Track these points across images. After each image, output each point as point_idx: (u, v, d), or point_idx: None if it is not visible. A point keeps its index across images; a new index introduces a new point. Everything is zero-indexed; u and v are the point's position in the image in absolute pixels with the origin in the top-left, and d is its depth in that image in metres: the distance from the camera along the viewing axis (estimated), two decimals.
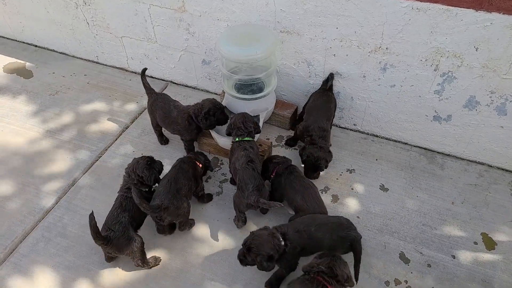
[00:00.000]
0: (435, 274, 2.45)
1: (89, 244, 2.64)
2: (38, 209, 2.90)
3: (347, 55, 2.93)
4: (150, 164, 2.61)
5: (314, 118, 2.93)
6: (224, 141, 3.00)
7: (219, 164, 3.17)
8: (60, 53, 4.42)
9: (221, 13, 3.16)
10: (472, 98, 2.74)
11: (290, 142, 3.27)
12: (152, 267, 2.52)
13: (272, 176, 2.74)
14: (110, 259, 2.55)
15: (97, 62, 4.29)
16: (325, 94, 3.08)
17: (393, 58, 2.78)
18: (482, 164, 3.07)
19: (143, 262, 2.46)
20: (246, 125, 2.66)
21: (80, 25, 3.99)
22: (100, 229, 2.35)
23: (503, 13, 2.28)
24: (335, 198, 2.90)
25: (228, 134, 2.78)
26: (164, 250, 2.63)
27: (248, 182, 2.45)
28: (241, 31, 2.94)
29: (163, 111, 3.05)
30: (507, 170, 3.01)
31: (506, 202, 2.80)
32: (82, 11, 3.84)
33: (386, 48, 2.75)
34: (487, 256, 2.52)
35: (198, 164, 2.81)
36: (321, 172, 3.05)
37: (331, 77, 3.06)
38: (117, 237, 2.36)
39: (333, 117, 3.17)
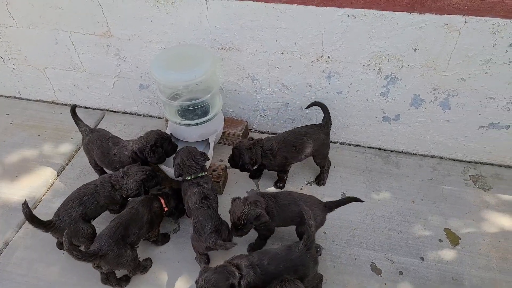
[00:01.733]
0: (408, 281, 2.41)
1: None
2: None
3: (290, 66, 2.83)
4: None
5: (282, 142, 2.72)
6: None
7: None
8: None
9: (152, 35, 2.92)
10: (417, 97, 2.76)
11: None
12: None
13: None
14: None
15: (20, 98, 3.85)
16: (313, 130, 2.75)
17: (336, 65, 2.72)
18: (434, 157, 3.13)
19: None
20: (197, 160, 2.43)
21: None
22: None
23: (436, 14, 2.29)
24: None
25: (179, 175, 2.47)
26: None
27: (204, 223, 2.24)
28: (176, 53, 2.72)
29: (100, 150, 2.74)
30: (457, 160, 3.09)
31: (462, 193, 2.86)
32: None
33: (328, 56, 2.68)
34: (453, 253, 2.53)
35: (164, 206, 2.54)
36: (280, 189, 2.94)
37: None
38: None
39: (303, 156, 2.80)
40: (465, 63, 2.47)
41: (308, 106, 2.82)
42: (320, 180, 2.97)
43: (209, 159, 2.62)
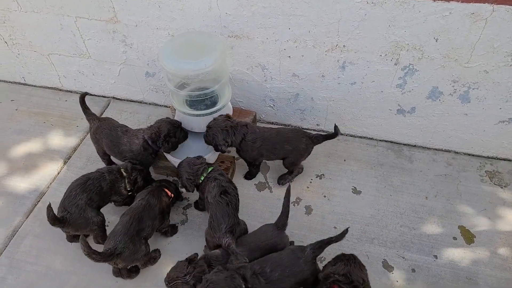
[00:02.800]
0: (421, 279, 2.36)
1: None
2: None
3: (302, 55, 2.71)
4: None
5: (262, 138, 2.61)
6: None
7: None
8: None
9: (160, 21, 2.81)
10: (435, 89, 2.65)
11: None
12: None
13: None
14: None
15: (24, 84, 3.77)
16: (297, 138, 2.63)
17: (351, 55, 2.61)
18: (449, 151, 3.03)
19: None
20: (198, 163, 2.40)
21: None
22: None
23: (462, 2, 2.16)
24: (309, 210, 2.72)
25: (195, 186, 2.42)
26: None
27: (221, 221, 2.16)
28: (185, 40, 2.61)
29: (109, 139, 2.69)
30: (473, 155, 2.99)
31: (478, 190, 2.77)
32: None
33: (344, 45, 2.57)
34: (468, 251, 2.47)
35: (169, 194, 2.51)
36: (290, 183, 2.87)
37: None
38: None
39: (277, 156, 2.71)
40: (489, 54, 2.35)
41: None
42: (281, 179, 2.85)
43: (205, 159, 2.57)
